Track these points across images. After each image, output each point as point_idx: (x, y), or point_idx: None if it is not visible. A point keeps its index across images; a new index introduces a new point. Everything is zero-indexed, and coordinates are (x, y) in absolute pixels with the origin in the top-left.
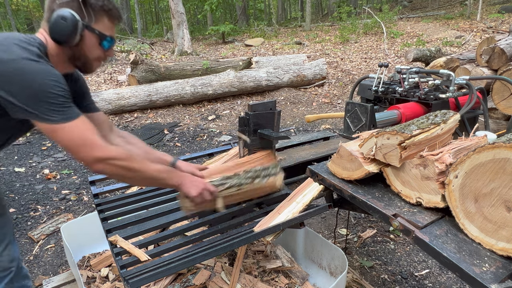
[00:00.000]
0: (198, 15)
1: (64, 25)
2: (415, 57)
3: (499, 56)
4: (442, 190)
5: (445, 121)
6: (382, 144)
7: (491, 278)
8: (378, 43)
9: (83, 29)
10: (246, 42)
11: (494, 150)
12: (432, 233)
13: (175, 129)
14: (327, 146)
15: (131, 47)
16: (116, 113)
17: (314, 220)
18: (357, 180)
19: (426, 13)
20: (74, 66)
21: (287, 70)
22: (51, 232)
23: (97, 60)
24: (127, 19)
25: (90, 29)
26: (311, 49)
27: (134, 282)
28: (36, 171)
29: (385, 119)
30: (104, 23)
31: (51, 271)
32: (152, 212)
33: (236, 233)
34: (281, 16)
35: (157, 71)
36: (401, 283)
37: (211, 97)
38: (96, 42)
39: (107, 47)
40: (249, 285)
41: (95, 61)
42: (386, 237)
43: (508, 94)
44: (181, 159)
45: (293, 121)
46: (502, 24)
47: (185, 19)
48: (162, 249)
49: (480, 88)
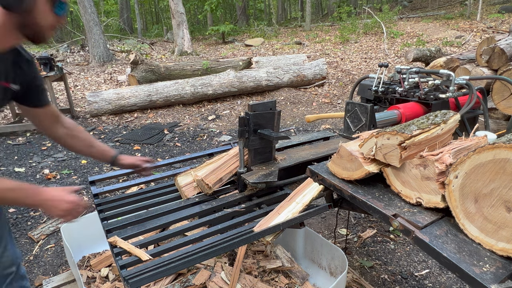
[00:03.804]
0: (198, 15)
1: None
2: (415, 57)
3: (499, 56)
4: (442, 190)
5: (445, 121)
6: (382, 144)
7: (491, 278)
8: (378, 43)
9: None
10: (246, 42)
11: (494, 150)
12: (432, 233)
13: (175, 129)
14: (327, 146)
15: (131, 47)
16: (116, 113)
17: (314, 220)
18: (357, 180)
19: (426, 13)
20: (23, 35)
21: (287, 70)
22: (51, 232)
23: (50, 29)
24: (127, 19)
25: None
26: (311, 49)
27: (134, 282)
28: (36, 171)
29: (385, 119)
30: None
31: (51, 271)
32: (152, 212)
33: (236, 233)
34: (281, 16)
35: (157, 71)
36: (401, 283)
37: (211, 97)
38: (49, 7)
39: (60, 14)
40: (249, 285)
41: (47, 30)
42: (386, 237)
43: (508, 94)
44: (181, 159)
45: (293, 121)
46: (502, 24)
47: (185, 19)
48: (162, 249)
49: (480, 88)
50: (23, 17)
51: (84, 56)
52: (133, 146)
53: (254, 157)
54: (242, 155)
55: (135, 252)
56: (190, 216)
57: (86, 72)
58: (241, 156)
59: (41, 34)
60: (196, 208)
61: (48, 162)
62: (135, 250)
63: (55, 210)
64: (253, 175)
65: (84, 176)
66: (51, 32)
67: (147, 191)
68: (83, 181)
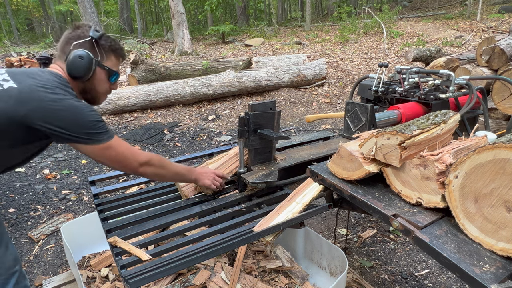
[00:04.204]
0: (198, 15)
1: (81, 63)
2: (415, 57)
3: (499, 56)
4: (442, 190)
5: (445, 121)
6: (382, 144)
7: (491, 278)
8: (378, 43)
9: (96, 65)
10: (246, 42)
11: (494, 150)
12: (432, 233)
13: (175, 129)
14: (327, 146)
15: (131, 47)
16: (116, 113)
17: (314, 220)
18: (357, 180)
19: (426, 13)
20: (83, 98)
21: (287, 70)
22: (51, 232)
23: (104, 94)
24: (127, 19)
25: (101, 66)
26: (311, 49)
27: (134, 282)
28: (36, 171)
29: (385, 119)
30: (112, 60)
31: (51, 271)
32: (152, 212)
33: (236, 233)
34: (281, 16)
35: (157, 71)
36: (401, 283)
37: (211, 97)
38: (105, 77)
39: (113, 81)
40: (249, 285)
41: (103, 95)
42: (386, 237)
43: (508, 94)
44: (181, 159)
45: (293, 121)
46: (502, 24)
47: (185, 19)
48: (162, 249)
49: (480, 88)
50: (84, 85)
51: None
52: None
53: (254, 157)
54: (242, 155)
55: (135, 252)
56: (190, 216)
57: None
58: (241, 156)
59: (97, 98)
60: (196, 208)
61: (48, 162)
62: (135, 250)
63: (206, 180)
64: (253, 175)
65: (84, 176)
66: (105, 96)
67: (147, 191)
68: (83, 181)
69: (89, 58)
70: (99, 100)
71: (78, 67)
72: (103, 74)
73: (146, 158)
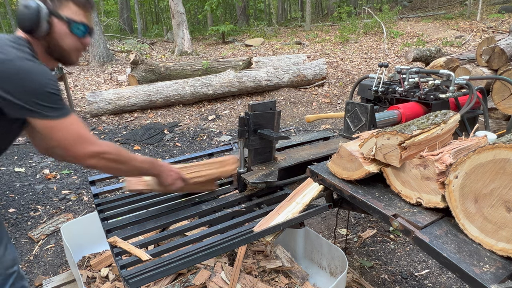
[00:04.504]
0: (198, 15)
1: (28, 13)
2: (415, 57)
3: (499, 56)
4: (442, 190)
5: (445, 121)
6: (382, 144)
7: (491, 278)
8: (378, 43)
9: (49, 15)
10: (246, 42)
11: (494, 150)
12: (432, 234)
13: (175, 129)
14: (327, 146)
15: (131, 47)
16: (116, 113)
17: (314, 220)
18: (357, 180)
19: (426, 13)
20: (54, 59)
21: (287, 70)
22: (51, 232)
23: (74, 50)
24: (127, 19)
25: (57, 15)
26: (311, 49)
27: (134, 282)
28: (36, 171)
29: (385, 119)
30: (71, 9)
31: (51, 271)
32: (152, 212)
33: (236, 233)
34: (281, 16)
35: (157, 71)
36: (401, 283)
37: (211, 97)
38: (67, 29)
39: (80, 35)
40: (249, 285)
41: (72, 51)
42: (386, 237)
43: (508, 94)
44: (181, 159)
45: (293, 121)
46: (502, 24)
47: (185, 19)
48: (162, 249)
49: (480, 88)
50: (46, 41)
51: (84, 56)
52: (133, 146)
53: (254, 157)
54: (242, 155)
55: (135, 252)
56: (190, 216)
57: (86, 72)
58: (241, 156)
59: (67, 55)
60: (196, 208)
61: (48, 162)
62: (135, 250)
63: (170, 178)
64: (253, 175)
65: (84, 176)
66: (77, 54)
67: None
68: (83, 181)
69: (36, 7)
70: (69, 58)
71: (25, 19)
72: (64, 26)
73: (99, 149)
